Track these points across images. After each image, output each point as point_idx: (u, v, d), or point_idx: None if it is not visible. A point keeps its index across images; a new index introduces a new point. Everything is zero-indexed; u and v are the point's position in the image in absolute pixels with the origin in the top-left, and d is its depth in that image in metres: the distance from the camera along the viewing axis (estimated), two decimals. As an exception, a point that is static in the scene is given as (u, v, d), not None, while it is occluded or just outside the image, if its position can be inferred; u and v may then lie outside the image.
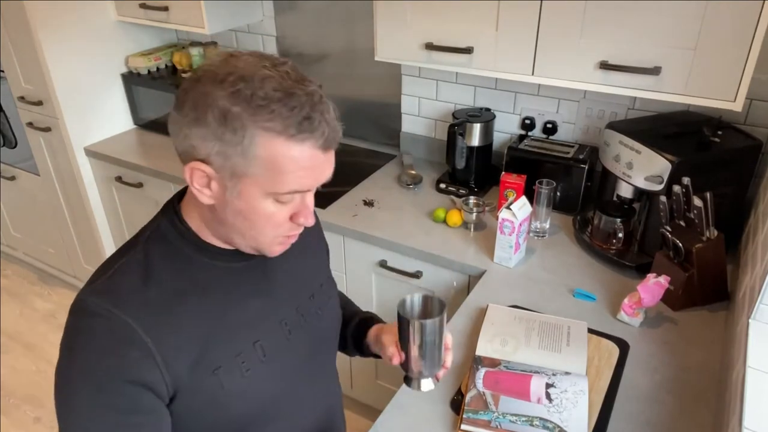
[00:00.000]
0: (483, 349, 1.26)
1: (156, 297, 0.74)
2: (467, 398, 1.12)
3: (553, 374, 1.16)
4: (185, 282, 0.77)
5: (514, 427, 1.05)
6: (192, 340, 0.76)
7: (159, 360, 0.72)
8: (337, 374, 1.08)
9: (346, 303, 1.16)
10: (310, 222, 0.77)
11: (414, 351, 0.86)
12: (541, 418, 1.06)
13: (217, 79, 0.67)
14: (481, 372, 1.18)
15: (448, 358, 0.91)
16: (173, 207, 0.81)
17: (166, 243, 0.78)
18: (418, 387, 0.90)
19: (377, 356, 1.04)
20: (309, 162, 0.70)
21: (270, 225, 0.75)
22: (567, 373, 1.17)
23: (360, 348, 1.08)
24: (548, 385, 1.13)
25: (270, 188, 0.70)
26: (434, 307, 0.88)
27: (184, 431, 0.79)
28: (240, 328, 0.81)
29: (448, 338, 0.91)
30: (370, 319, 1.08)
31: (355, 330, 1.08)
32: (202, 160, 0.70)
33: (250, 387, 0.81)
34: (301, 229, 0.79)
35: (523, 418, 1.07)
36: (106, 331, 0.71)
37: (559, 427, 1.05)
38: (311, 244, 0.97)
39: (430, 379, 0.90)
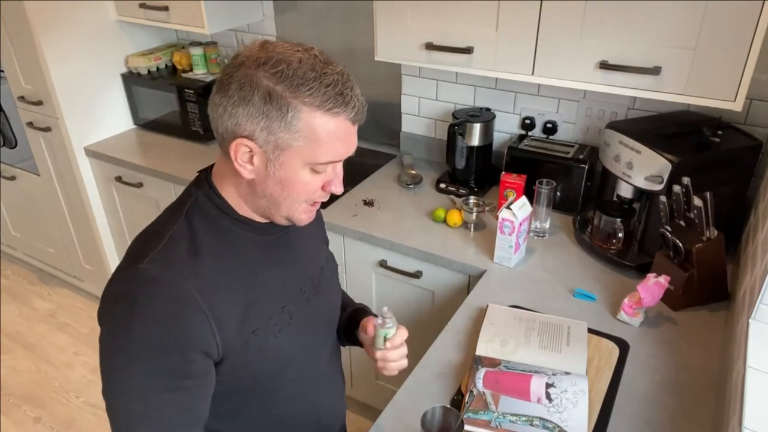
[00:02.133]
0: (483, 349, 1.26)
1: (206, 267, 0.81)
2: (467, 398, 1.12)
3: (553, 374, 1.16)
4: (226, 252, 0.84)
5: (514, 427, 1.05)
6: (236, 306, 0.83)
7: (213, 325, 0.79)
8: (339, 347, 1.16)
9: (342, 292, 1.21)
10: (340, 189, 0.86)
11: None
12: (541, 418, 1.06)
13: (260, 63, 0.75)
14: (481, 372, 1.18)
15: None
16: (207, 181, 0.87)
17: (206, 215, 0.85)
18: None
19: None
20: (342, 133, 0.79)
21: (305, 193, 0.83)
22: (567, 373, 1.17)
23: (349, 337, 1.14)
24: (548, 385, 1.13)
25: (310, 158, 0.79)
26: (452, 420, 0.95)
27: (223, 387, 0.85)
28: (271, 294, 0.90)
29: None
30: (363, 311, 1.14)
31: (345, 321, 1.14)
32: (247, 137, 0.77)
33: (281, 346, 0.90)
34: (326, 197, 0.88)
35: (523, 418, 1.07)
36: (167, 298, 0.76)
37: (559, 427, 1.05)
38: (313, 228, 1.04)
39: None
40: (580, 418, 1.07)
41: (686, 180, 1.34)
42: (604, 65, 1.43)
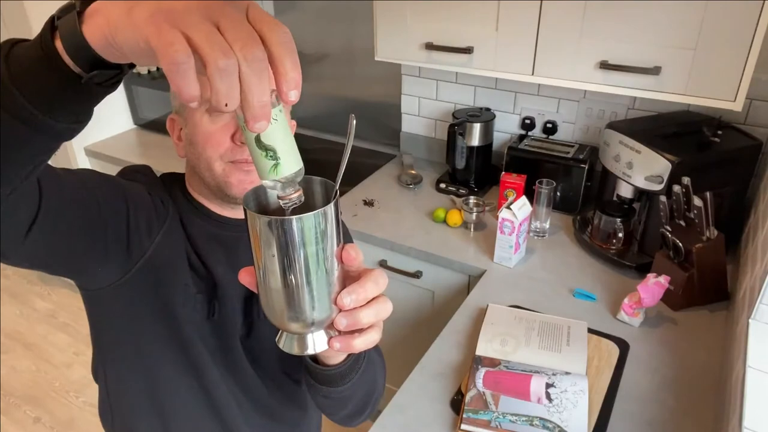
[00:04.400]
0: (483, 349, 1.26)
1: (169, 206, 0.86)
2: (467, 398, 1.12)
3: (553, 374, 1.16)
4: (180, 220, 0.87)
5: (514, 427, 1.05)
6: (170, 259, 0.83)
7: (163, 227, 0.83)
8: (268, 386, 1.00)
9: None
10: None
11: (276, 279, 0.50)
12: (541, 418, 1.06)
13: None
14: (481, 372, 1.18)
15: (350, 293, 0.53)
16: (181, 178, 0.93)
17: (175, 188, 0.90)
18: (291, 347, 0.55)
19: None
20: None
21: (210, 144, 0.80)
22: (567, 373, 1.17)
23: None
24: (548, 385, 1.13)
25: None
26: (315, 195, 0.54)
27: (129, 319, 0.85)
28: (202, 284, 0.86)
29: (351, 253, 0.53)
30: None
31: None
32: (175, 112, 0.84)
33: (189, 331, 0.85)
34: (243, 152, 0.80)
35: (523, 418, 1.07)
36: (151, 180, 0.87)
37: (559, 427, 1.05)
38: None
39: (310, 336, 0.54)
40: (580, 418, 1.07)
41: (686, 180, 1.34)
42: (604, 65, 1.43)
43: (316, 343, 0.54)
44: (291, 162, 0.46)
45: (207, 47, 0.37)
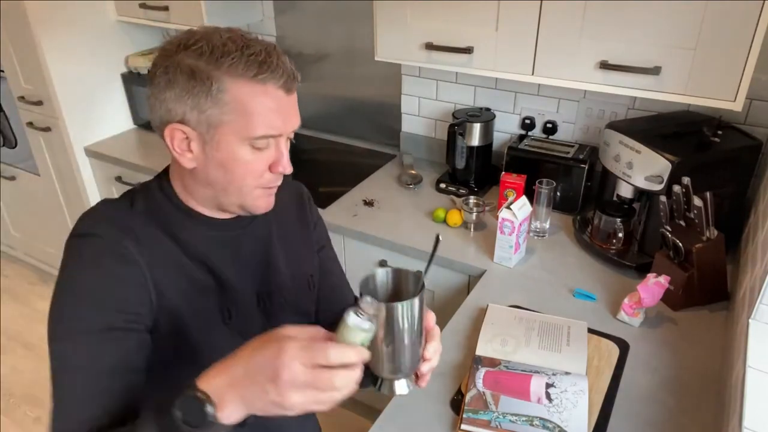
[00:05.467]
0: (483, 349, 1.26)
1: (142, 236, 0.80)
2: (467, 398, 1.12)
3: (553, 374, 1.16)
4: (163, 236, 0.83)
5: (514, 427, 1.05)
6: (169, 283, 0.81)
7: (149, 278, 0.78)
8: None
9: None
10: (289, 169, 0.81)
11: (382, 344, 0.66)
12: (541, 418, 1.06)
13: (181, 45, 0.75)
14: (481, 372, 1.18)
15: (431, 349, 0.73)
16: (163, 172, 0.89)
17: (150, 199, 0.85)
18: (391, 390, 0.70)
19: None
20: (274, 103, 0.76)
21: (250, 175, 0.79)
22: (567, 373, 1.17)
23: None
24: (548, 385, 1.13)
25: (244, 133, 0.76)
26: (408, 283, 0.71)
27: (162, 366, 0.83)
28: (212, 290, 0.86)
29: (430, 321, 0.75)
30: None
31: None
32: (180, 121, 0.76)
33: (211, 342, 0.85)
34: (279, 180, 0.83)
35: (523, 418, 1.06)
36: (103, 246, 0.77)
37: (559, 427, 1.05)
38: (298, 234, 1.00)
39: (405, 381, 0.71)
40: (580, 417, 1.07)
41: (686, 180, 1.34)
42: (604, 65, 1.43)
43: (407, 385, 0.71)
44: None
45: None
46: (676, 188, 1.36)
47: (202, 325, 0.85)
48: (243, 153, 0.77)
